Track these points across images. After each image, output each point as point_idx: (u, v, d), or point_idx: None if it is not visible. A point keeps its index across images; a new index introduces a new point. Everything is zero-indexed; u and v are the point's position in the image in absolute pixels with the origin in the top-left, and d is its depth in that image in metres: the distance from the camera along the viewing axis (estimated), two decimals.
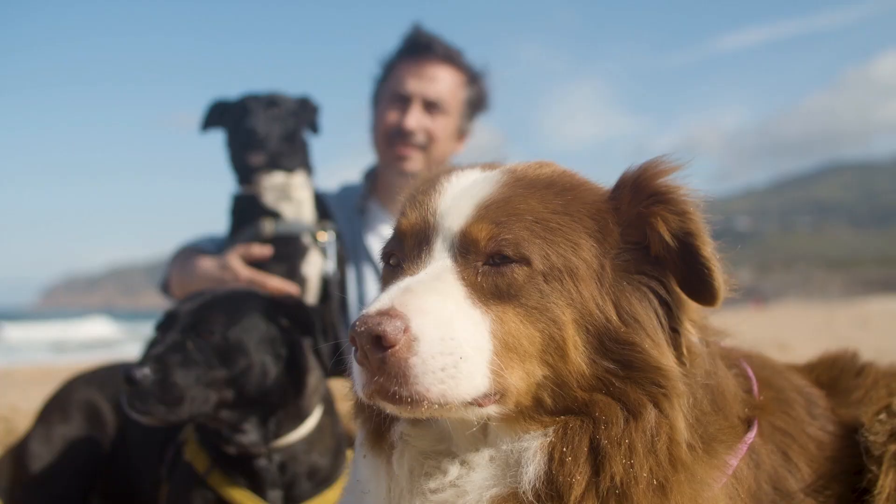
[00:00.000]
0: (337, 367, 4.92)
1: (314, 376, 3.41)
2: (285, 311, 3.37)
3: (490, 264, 1.92)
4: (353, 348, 1.83)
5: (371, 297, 4.94)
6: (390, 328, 1.74)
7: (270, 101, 4.69)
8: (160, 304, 4.38)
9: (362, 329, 1.76)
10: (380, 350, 1.75)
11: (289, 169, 4.69)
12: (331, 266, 4.82)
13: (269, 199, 4.66)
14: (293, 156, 4.74)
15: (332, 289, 4.86)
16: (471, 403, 1.84)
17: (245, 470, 3.28)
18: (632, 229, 2.01)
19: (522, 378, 1.88)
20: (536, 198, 1.99)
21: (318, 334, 3.36)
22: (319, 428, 3.41)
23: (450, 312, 1.84)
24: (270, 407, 3.25)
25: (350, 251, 5.31)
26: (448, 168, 2.28)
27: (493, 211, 1.96)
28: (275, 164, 4.65)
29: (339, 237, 4.97)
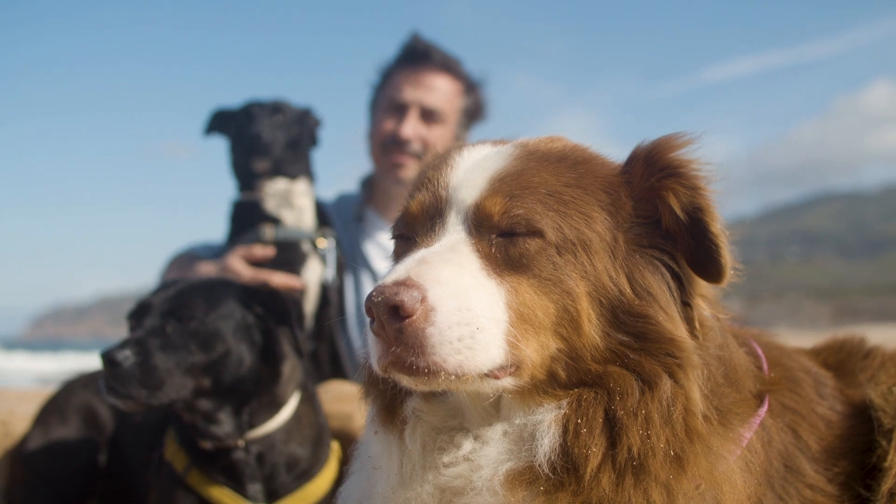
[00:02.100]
0: (335, 370, 4.91)
1: (289, 364, 3.38)
2: (260, 299, 3.35)
3: (504, 236, 1.92)
4: (370, 319, 1.84)
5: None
6: (407, 298, 1.74)
7: (275, 108, 4.73)
8: None
9: (379, 299, 1.76)
10: (397, 320, 1.75)
11: (291, 176, 4.71)
12: (330, 273, 4.83)
13: (271, 205, 4.67)
14: (296, 163, 4.76)
15: (331, 295, 4.85)
16: (487, 375, 1.84)
17: (223, 465, 3.24)
18: (643, 203, 2.02)
19: (537, 350, 1.89)
20: (549, 171, 2.00)
21: (294, 322, 3.34)
22: (297, 417, 3.37)
23: (466, 283, 1.84)
24: (245, 395, 3.23)
25: (348, 259, 5.31)
26: (459, 144, 2.29)
27: (506, 184, 1.96)
28: (278, 170, 4.67)
29: (338, 244, 4.98)
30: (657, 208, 2.01)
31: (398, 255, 2.16)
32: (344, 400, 3.92)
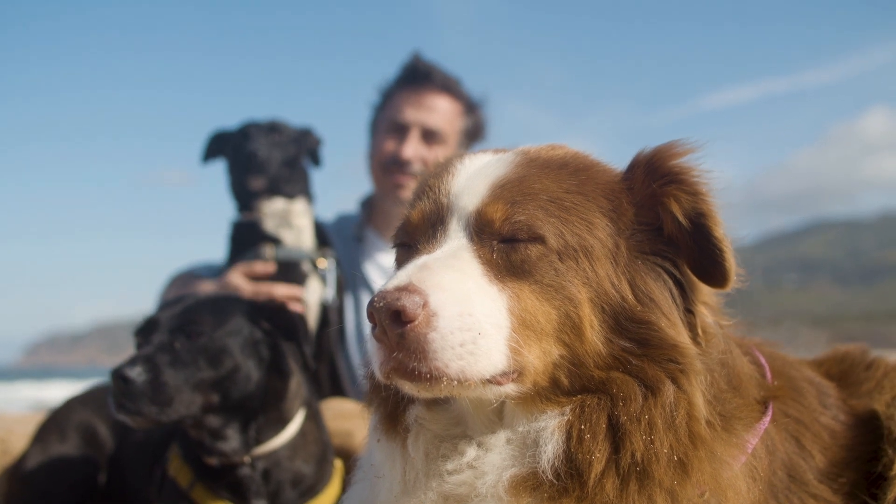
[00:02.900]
0: (335, 390, 4.90)
1: (294, 380, 3.38)
2: (267, 315, 3.35)
3: (505, 242, 1.92)
4: (372, 325, 1.83)
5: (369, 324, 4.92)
6: (409, 303, 1.74)
7: (271, 128, 4.75)
8: None
9: (381, 304, 1.76)
10: (399, 325, 1.75)
11: (289, 195, 4.72)
12: (330, 293, 4.82)
13: (270, 225, 4.67)
14: (294, 182, 4.77)
15: (332, 315, 4.85)
16: (489, 381, 1.84)
17: (229, 481, 3.22)
18: (645, 209, 2.02)
19: (540, 357, 1.88)
20: (551, 177, 2.00)
21: (302, 337, 3.34)
22: (302, 433, 3.36)
23: (468, 288, 1.84)
24: (252, 412, 3.21)
25: (348, 279, 5.30)
26: (459, 153, 2.30)
27: (507, 190, 1.96)
28: (275, 189, 4.68)
29: (338, 264, 4.98)
30: (659, 215, 2.01)
31: (400, 262, 2.16)
32: (344, 417, 3.90)
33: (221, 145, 4.87)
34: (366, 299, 5.37)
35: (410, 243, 2.08)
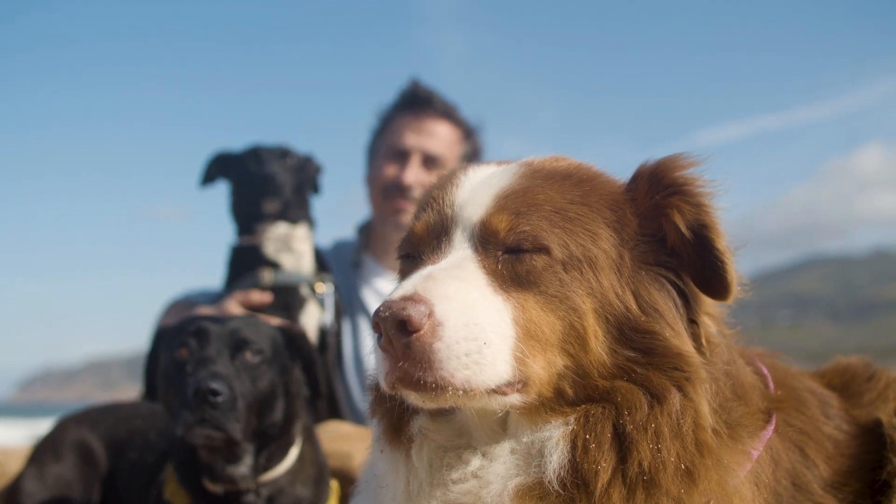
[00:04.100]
0: (332, 414, 4.87)
1: (300, 404, 3.36)
2: (286, 339, 3.33)
3: (510, 253, 1.93)
4: (377, 334, 1.83)
5: (367, 349, 4.91)
6: (415, 312, 1.75)
7: (283, 152, 4.78)
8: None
9: (387, 314, 1.76)
10: (404, 335, 1.76)
11: (293, 221, 4.73)
12: (328, 318, 4.81)
13: (271, 249, 4.67)
14: (299, 208, 4.80)
15: (329, 340, 4.83)
16: (494, 391, 1.84)
17: None
18: (648, 221, 2.03)
19: (544, 367, 1.88)
20: (554, 188, 2.01)
21: (319, 366, 3.33)
22: (301, 457, 3.31)
23: (473, 298, 1.84)
24: (270, 437, 3.17)
25: (345, 305, 5.30)
26: (463, 165, 2.32)
27: (512, 201, 1.97)
28: (283, 213, 4.70)
29: (336, 289, 4.98)
30: (662, 226, 2.02)
31: (404, 274, 2.16)
32: (343, 439, 3.88)
33: (224, 167, 4.87)
34: (363, 324, 5.36)
35: (415, 254, 2.09)
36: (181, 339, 3.09)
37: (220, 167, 4.88)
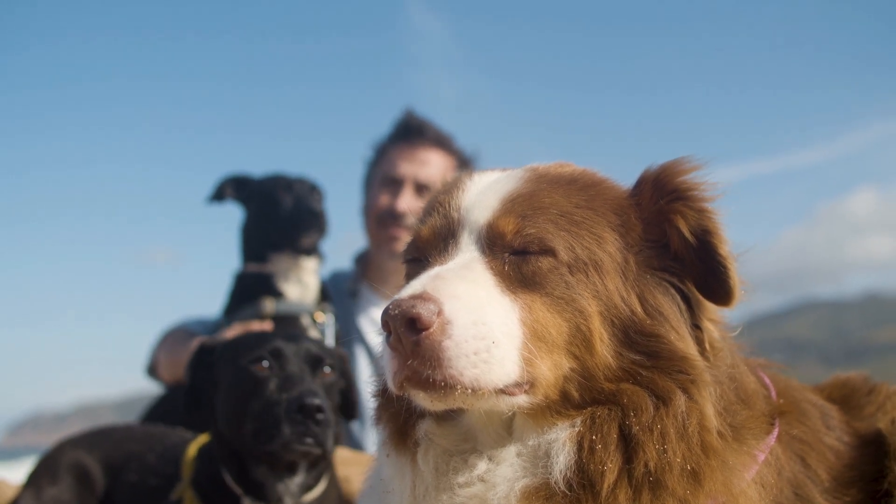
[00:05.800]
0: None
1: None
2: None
3: (516, 255, 1.95)
4: (386, 334, 1.84)
5: (364, 378, 4.91)
6: (424, 310, 1.76)
7: (312, 186, 4.83)
8: None
9: (396, 312, 1.77)
10: (413, 333, 1.76)
11: (307, 252, 4.75)
12: None
13: (280, 279, 4.68)
14: None
15: None
16: (502, 391, 1.85)
17: None
18: (652, 226, 2.06)
19: (551, 369, 1.89)
20: (560, 192, 2.04)
21: (356, 388, 3.37)
22: (331, 480, 3.31)
23: (481, 298, 1.86)
24: (321, 457, 3.13)
25: (343, 334, 5.31)
26: (468, 171, 2.35)
27: (518, 204, 2.00)
28: (315, 247, 4.76)
29: (336, 319, 4.98)
30: (666, 231, 2.04)
31: (409, 277, 2.17)
32: (342, 463, 3.85)
33: (241, 190, 4.87)
34: (361, 354, 5.36)
35: (421, 258, 2.10)
36: (257, 355, 3.09)
37: (235, 189, 4.88)
